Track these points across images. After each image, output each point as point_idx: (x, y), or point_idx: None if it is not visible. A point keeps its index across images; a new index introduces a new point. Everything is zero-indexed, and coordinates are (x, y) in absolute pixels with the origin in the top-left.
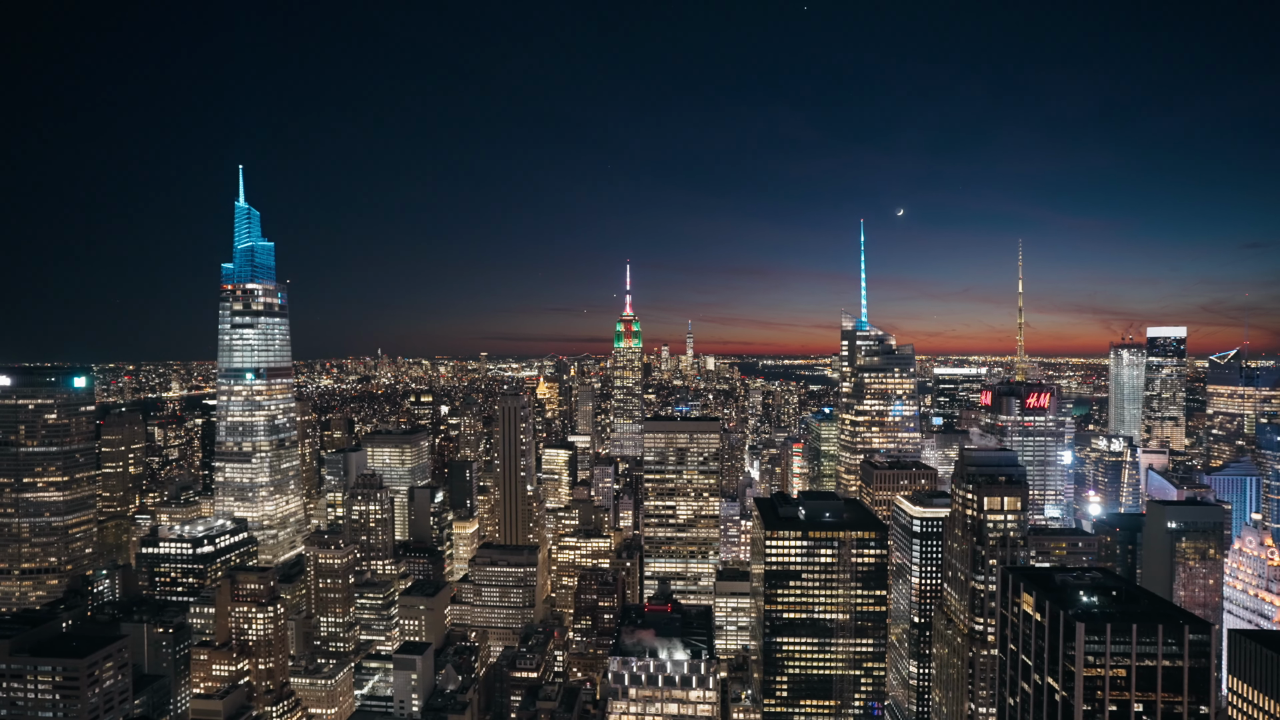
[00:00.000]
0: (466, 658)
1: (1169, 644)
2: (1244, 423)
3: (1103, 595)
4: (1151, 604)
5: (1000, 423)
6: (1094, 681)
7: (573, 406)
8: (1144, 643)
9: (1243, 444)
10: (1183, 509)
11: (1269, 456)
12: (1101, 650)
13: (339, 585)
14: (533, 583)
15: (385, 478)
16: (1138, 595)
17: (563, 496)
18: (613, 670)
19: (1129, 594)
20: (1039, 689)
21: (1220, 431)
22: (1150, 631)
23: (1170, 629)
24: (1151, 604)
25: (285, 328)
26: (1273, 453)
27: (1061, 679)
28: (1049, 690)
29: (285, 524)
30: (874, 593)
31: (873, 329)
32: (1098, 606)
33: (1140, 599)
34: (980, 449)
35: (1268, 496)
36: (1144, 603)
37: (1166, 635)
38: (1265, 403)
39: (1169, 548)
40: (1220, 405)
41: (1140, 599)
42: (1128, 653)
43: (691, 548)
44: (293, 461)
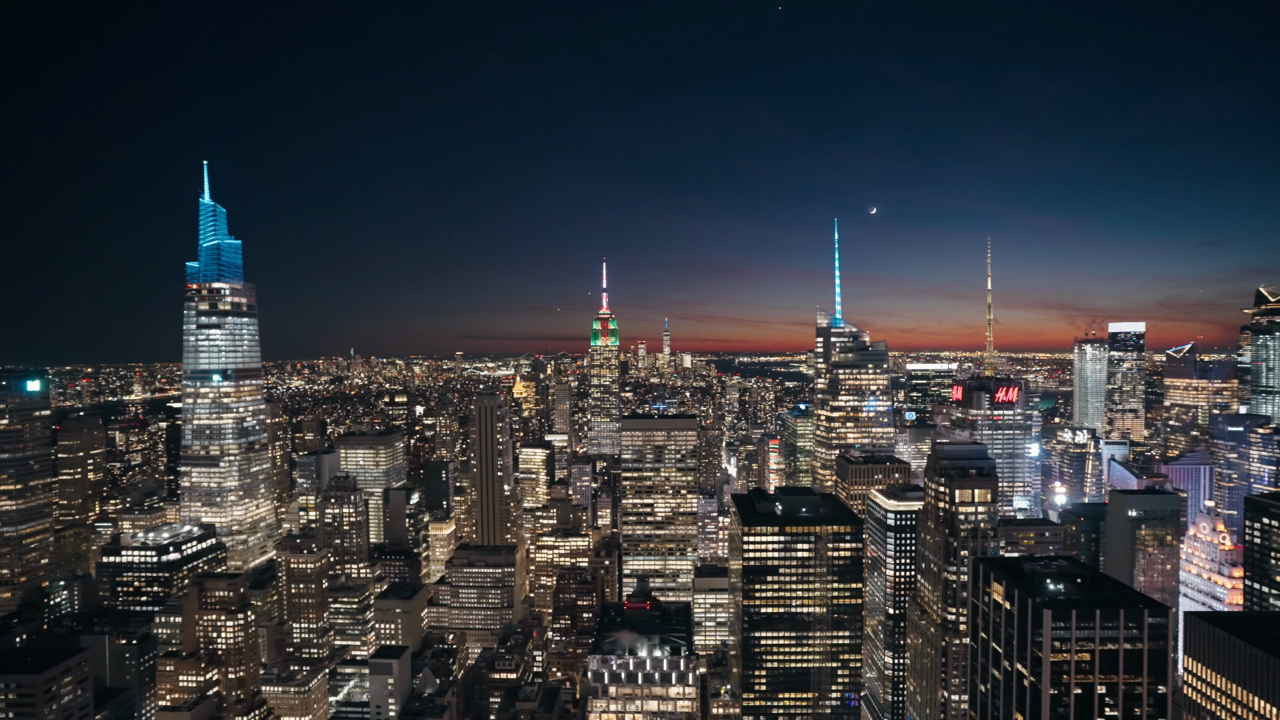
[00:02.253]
0: (444, 660)
1: (1130, 628)
2: (1198, 414)
3: (1068, 583)
4: (1114, 590)
5: (971, 417)
6: (1060, 666)
7: (550, 405)
8: (1107, 627)
9: (1197, 434)
10: (1142, 498)
11: (1221, 446)
12: (1067, 636)
13: (312, 590)
14: (511, 583)
15: (359, 480)
16: (1101, 582)
17: (540, 496)
18: (592, 669)
19: (1093, 581)
20: (1009, 675)
21: (1176, 423)
22: (1113, 616)
23: (1131, 614)
24: (1114, 590)
25: (254, 328)
26: (1224, 442)
27: (1030, 665)
28: (1018, 676)
29: (255, 529)
30: (850, 586)
31: (847, 326)
32: (1064, 594)
33: (1104, 585)
34: (952, 443)
35: (1220, 484)
36: (1107, 589)
37: (1127, 620)
38: (1217, 394)
39: (1130, 535)
40: (1176, 397)
41: (1104, 585)
42: (1091, 637)
43: (670, 545)
44: (263, 465)
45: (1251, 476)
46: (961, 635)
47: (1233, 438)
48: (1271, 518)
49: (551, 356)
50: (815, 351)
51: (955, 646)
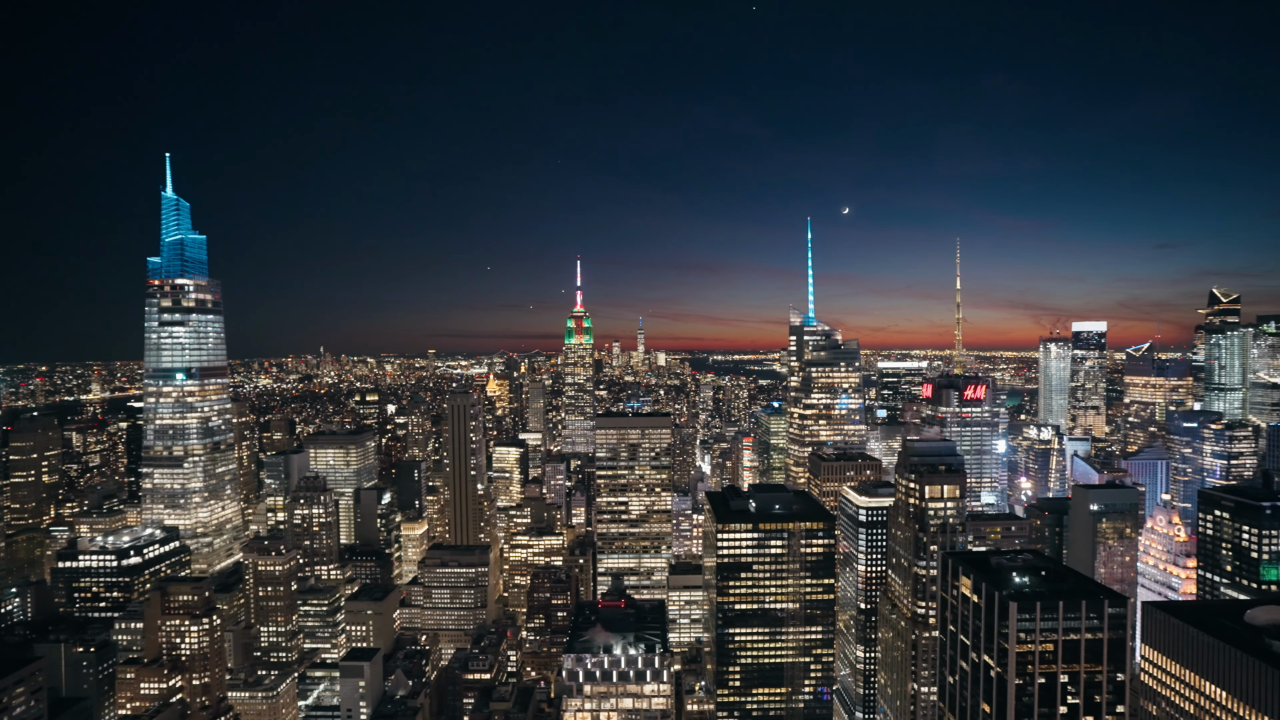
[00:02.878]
0: (417, 662)
1: (1090, 618)
2: (1156, 410)
3: (1033, 575)
4: (1076, 582)
5: (940, 414)
6: (1025, 657)
7: (523, 404)
8: (1069, 618)
9: (1155, 430)
10: (1103, 492)
11: (1176, 441)
12: (1032, 627)
13: (280, 593)
14: (484, 583)
15: (329, 480)
16: (1064, 574)
17: (514, 495)
18: (567, 668)
19: (1057, 573)
20: (976, 667)
21: (1135, 419)
22: (1075, 607)
23: (1092, 604)
24: (1076, 582)
25: (219, 325)
26: (1180, 438)
27: (996, 656)
28: (985, 667)
29: (221, 531)
30: (822, 581)
31: (820, 324)
32: (1029, 586)
33: (1067, 577)
34: (922, 440)
35: (1175, 478)
36: (1070, 581)
37: (1089, 610)
38: (1173, 392)
39: (1091, 528)
40: (1135, 394)
41: (1067, 577)
42: (1055, 628)
43: (644, 543)
44: (229, 465)
45: (1204, 470)
46: (931, 628)
47: (1187, 433)
48: (1222, 510)
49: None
50: (788, 350)
51: (925, 640)
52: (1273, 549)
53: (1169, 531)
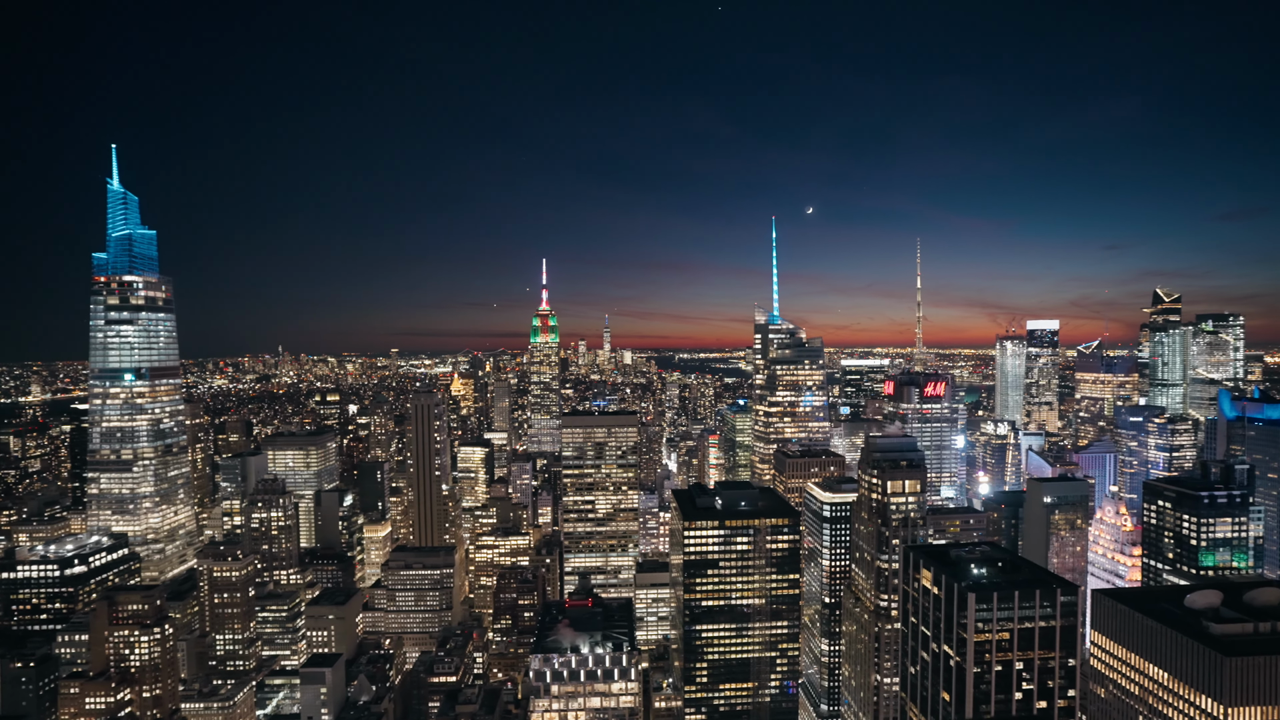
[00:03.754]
0: (381, 666)
1: (1044, 607)
2: (1104, 406)
3: (991, 567)
4: (1031, 572)
5: (902, 410)
6: (983, 646)
7: (489, 403)
8: (1024, 607)
9: (1103, 424)
10: (1056, 485)
11: (1123, 435)
12: (989, 617)
13: (237, 599)
14: (450, 584)
15: (289, 482)
16: (1020, 565)
17: (480, 495)
18: (534, 668)
19: (1013, 564)
20: (936, 657)
21: (1086, 414)
22: (1029, 597)
23: (1045, 593)
24: (1031, 572)
25: (171, 323)
26: (1126, 432)
27: (956, 645)
28: (945, 657)
29: (174, 537)
30: (788, 577)
31: (784, 323)
32: (986, 577)
33: (1022, 568)
34: (884, 436)
35: (1123, 470)
36: (1025, 571)
37: (1042, 599)
38: (1121, 387)
39: (1045, 520)
40: (1086, 390)
41: (1022, 568)
42: (1011, 617)
43: (611, 541)
44: (181, 469)
45: (1149, 463)
46: (893, 621)
47: (1133, 427)
48: (1165, 500)
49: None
50: (754, 348)
51: (887, 632)
52: (1210, 536)
53: (1116, 521)
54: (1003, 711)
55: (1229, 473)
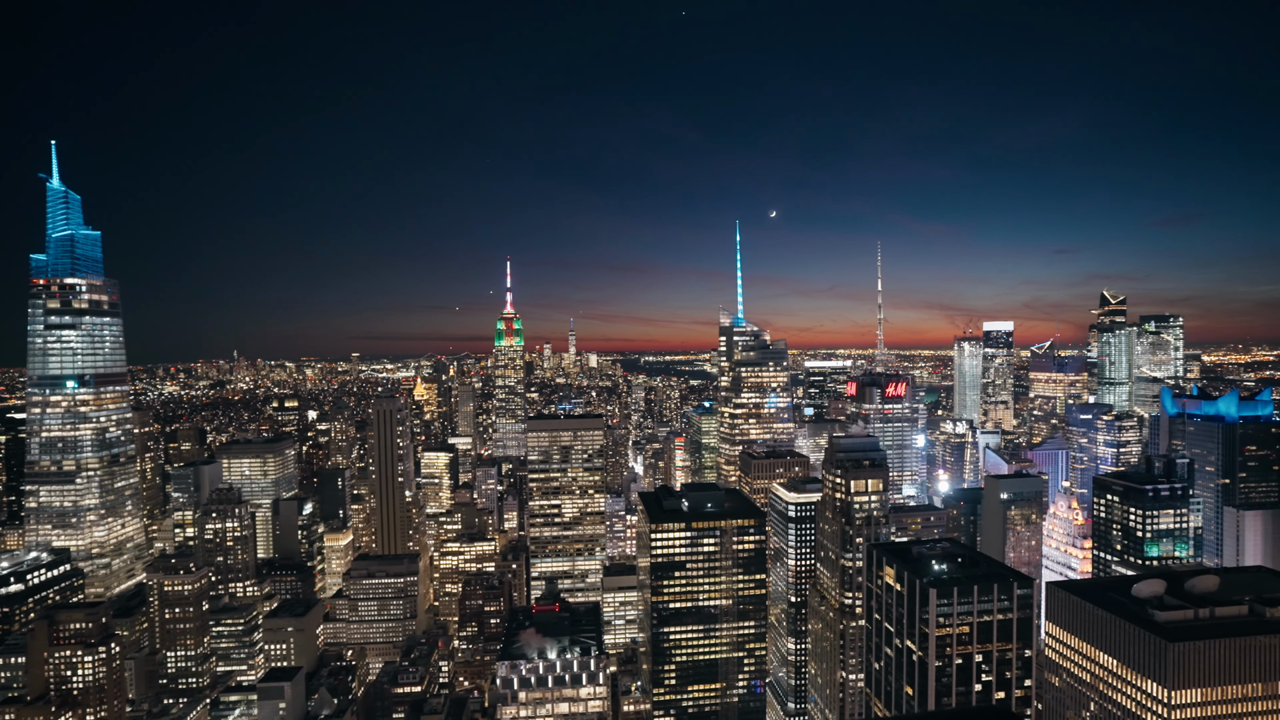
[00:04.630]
0: (343, 678)
1: (1002, 600)
2: (1057, 404)
3: (951, 563)
4: (989, 566)
5: (864, 411)
6: (944, 640)
7: (453, 407)
8: (983, 601)
9: (1056, 422)
10: (1011, 481)
11: (1074, 432)
12: (949, 611)
13: (189, 614)
14: (414, 592)
15: (245, 491)
16: (979, 560)
17: (444, 501)
18: (501, 675)
19: (972, 559)
20: (900, 652)
21: (1039, 412)
22: (988, 591)
23: (1003, 587)
24: (989, 566)
25: (117, 328)
26: (1077, 429)
27: (918, 640)
28: (908, 652)
29: (121, 551)
30: (754, 577)
31: (749, 325)
32: (947, 573)
33: (981, 563)
34: (848, 436)
35: (1074, 466)
36: (983, 566)
37: (1000, 593)
38: (1072, 386)
39: (1002, 516)
40: (1039, 389)
41: (981, 563)
42: (970, 611)
43: (578, 545)
44: (129, 479)
45: (1099, 458)
46: (858, 618)
47: (1083, 425)
48: (1113, 494)
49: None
50: (719, 350)
51: (852, 629)
52: (1154, 528)
53: (1068, 516)
54: (964, 703)
55: (1171, 467)
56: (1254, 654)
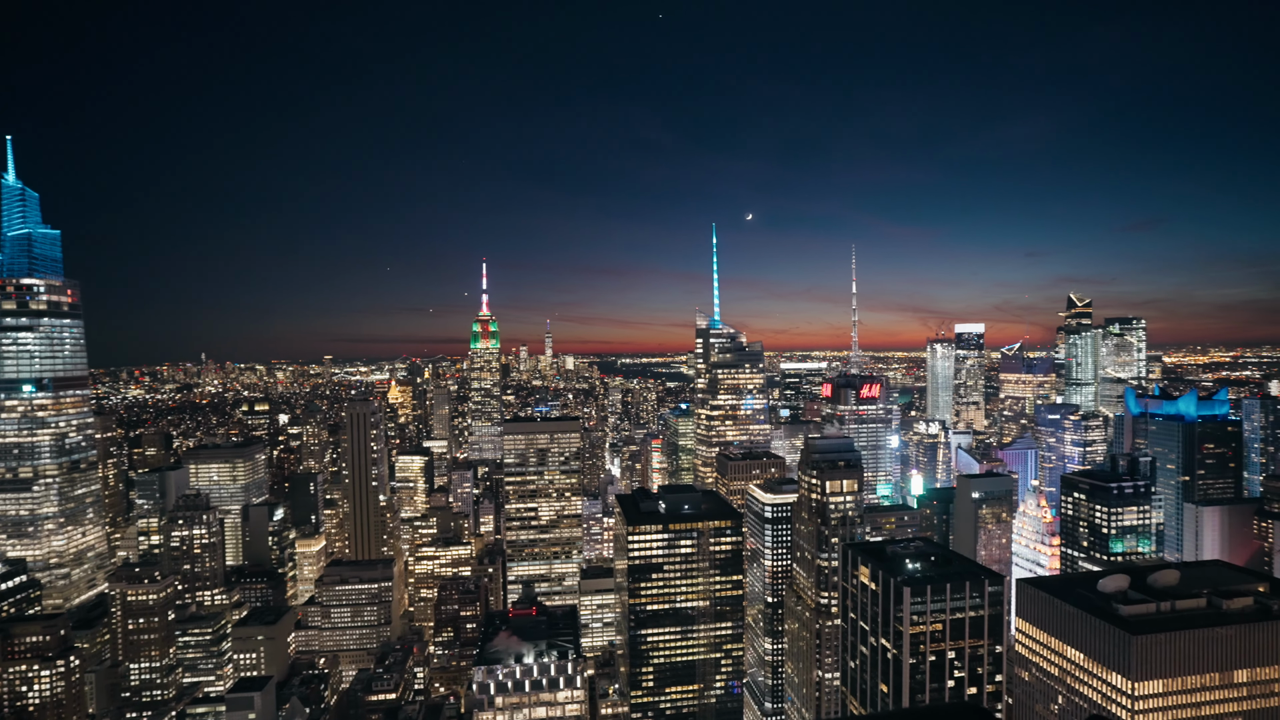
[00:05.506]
0: (315, 687)
1: (974, 597)
2: (1026, 404)
3: (924, 561)
4: (961, 564)
5: (839, 412)
6: (918, 637)
7: (428, 410)
8: (956, 598)
9: (1025, 422)
10: (982, 481)
11: (1043, 432)
12: (923, 609)
13: (154, 624)
14: (388, 598)
15: (214, 497)
16: (951, 558)
17: (419, 505)
18: (477, 680)
19: (945, 558)
20: (875, 650)
21: (1009, 413)
22: (960, 589)
23: (974, 585)
24: (961, 564)
25: (78, 331)
26: (1045, 428)
27: (893, 638)
28: (883, 650)
29: (81, 560)
30: (731, 578)
31: (725, 327)
32: (920, 572)
33: (953, 561)
34: (823, 437)
35: (1043, 465)
36: (956, 564)
37: (972, 590)
38: (1040, 387)
39: (974, 514)
40: (1009, 390)
41: (953, 561)
42: (943, 609)
43: (555, 548)
44: (91, 486)
45: (1066, 457)
46: (833, 617)
47: (1051, 424)
48: (1080, 492)
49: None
50: (695, 352)
51: (828, 628)
52: (1119, 525)
53: (1037, 514)
54: (937, 700)
55: (1134, 465)
56: (1212, 645)
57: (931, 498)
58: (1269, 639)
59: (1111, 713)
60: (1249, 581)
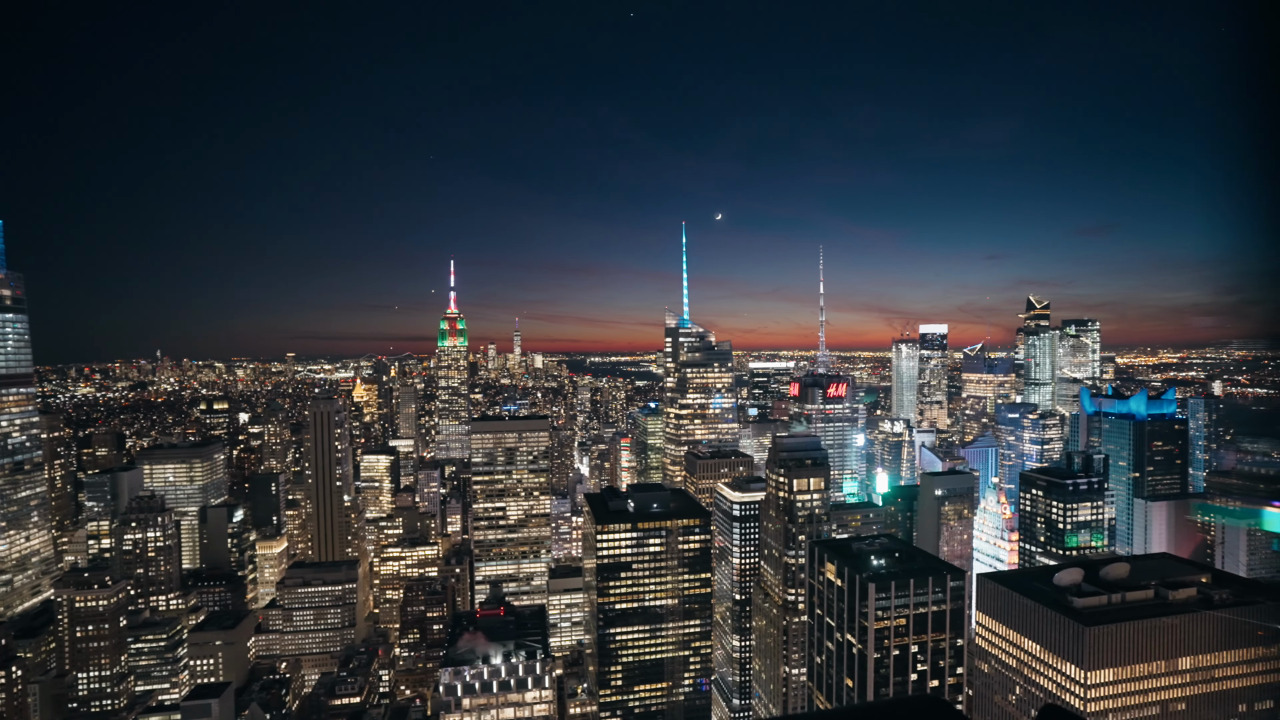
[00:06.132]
0: (275, 692)
1: (936, 592)
2: (987, 404)
3: (889, 558)
4: (925, 560)
5: (806, 411)
6: (883, 632)
7: (394, 409)
8: (919, 593)
9: (986, 421)
10: (945, 478)
11: (1003, 431)
12: (887, 604)
13: (104, 631)
14: (353, 600)
15: (169, 498)
16: (915, 554)
17: (385, 505)
18: (444, 682)
19: (908, 554)
20: (840, 645)
21: (971, 412)
22: (923, 584)
23: (937, 580)
24: (925, 560)
25: (22, 325)
26: (1005, 427)
27: (858, 633)
28: (848, 645)
29: (24, 566)
30: (699, 576)
31: (694, 326)
32: (885, 568)
33: (916, 557)
34: (790, 436)
35: (1003, 463)
36: (919, 560)
37: (934, 586)
38: (1001, 386)
39: (936, 511)
40: (971, 390)
41: (916, 557)
42: (907, 604)
43: (523, 548)
44: (35, 488)
45: (1025, 455)
46: (800, 614)
47: (1011, 423)
48: (1037, 489)
49: (396, 358)
50: (664, 351)
51: (795, 625)
52: (1074, 520)
53: (997, 510)
54: (900, 692)
55: (1089, 462)
56: (1159, 634)
57: (896, 495)
58: (1211, 628)
59: (1066, 702)
60: (1193, 573)
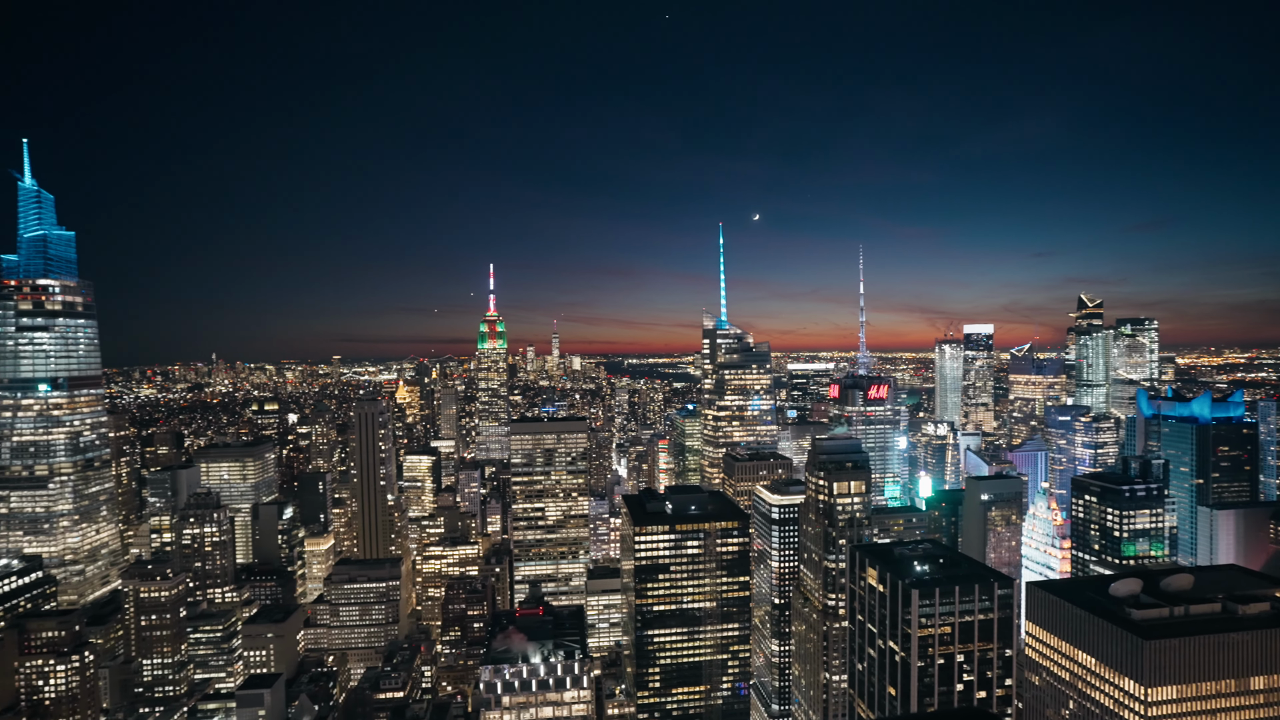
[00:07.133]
0: (323, 685)
1: (983, 600)
2: (1036, 406)
3: (932, 564)
4: (970, 567)
5: (846, 413)
6: (926, 640)
7: (435, 410)
8: (964, 601)
9: (1035, 424)
10: (992, 483)
11: (1053, 434)
12: (931, 612)
13: (166, 620)
14: (396, 597)
15: (224, 495)
16: (959, 560)
17: (426, 504)
18: (484, 680)
19: (953, 560)
20: (882, 653)
21: (1019, 414)
22: (969, 591)
23: (984, 588)
24: (970, 567)
25: (92, 331)
26: (1056, 430)
27: (901, 641)
28: (890, 653)
29: (95, 557)
30: (738, 579)
31: (732, 328)
32: (929, 574)
33: (961, 564)
34: (830, 438)
35: (1053, 467)
36: (964, 567)
37: (981, 593)
38: (1050, 388)
39: (982, 517)
40: (1018, 391)
41: (961, 564)
42: (952, 611)
43: (562, 549)
44: (104, 484)
45: (1077, 459)
46: (841, 619)
47: (1061, 426)
48: (1091, 495)
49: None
50: (702, 353)
51: (835, 630)
52: (1131, 528)
53: (1048, 516)
54: (946, 703)
55: (1147, 468)
56: (1227, 651)
57: (940, 500)
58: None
59: (1123, 719)
60: (1265, 586)
